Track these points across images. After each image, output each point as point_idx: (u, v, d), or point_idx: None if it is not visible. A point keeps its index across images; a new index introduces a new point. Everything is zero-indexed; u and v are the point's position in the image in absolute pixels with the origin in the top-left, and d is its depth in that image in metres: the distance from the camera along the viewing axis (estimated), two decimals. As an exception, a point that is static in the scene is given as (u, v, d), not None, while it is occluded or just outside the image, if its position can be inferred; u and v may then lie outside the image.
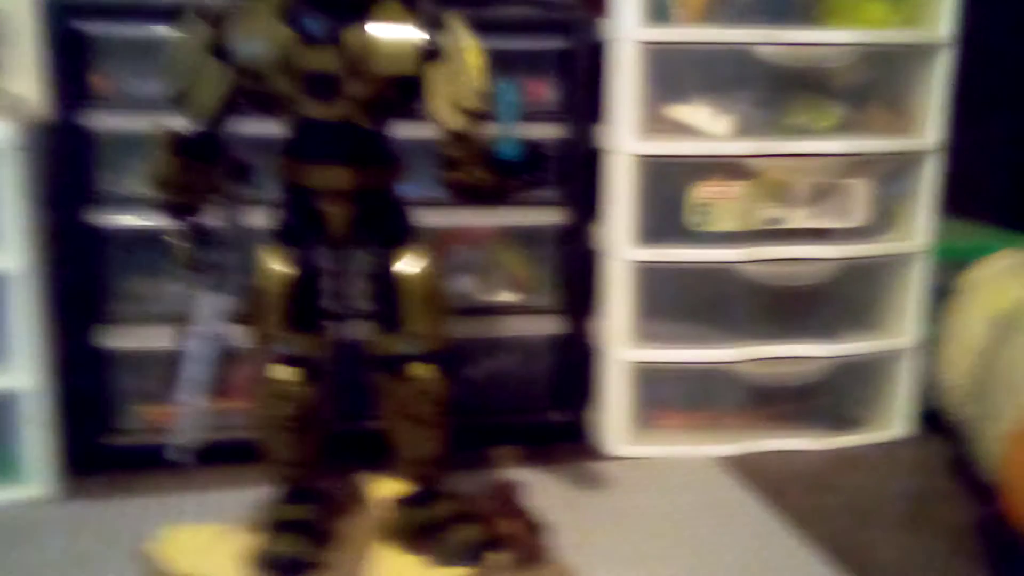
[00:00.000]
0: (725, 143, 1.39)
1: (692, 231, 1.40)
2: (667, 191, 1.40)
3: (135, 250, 1.30)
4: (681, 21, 1.36)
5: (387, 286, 0.92)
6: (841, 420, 1.53)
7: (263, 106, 0.87)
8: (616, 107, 1.36)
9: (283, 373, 0.94)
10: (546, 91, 1.41)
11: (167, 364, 0.92)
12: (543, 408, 1.49)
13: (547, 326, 1.45)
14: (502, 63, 1.35)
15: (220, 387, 0.90)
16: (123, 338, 1.33)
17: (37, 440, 1.28)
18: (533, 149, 0.86)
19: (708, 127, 1.39)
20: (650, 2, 1.33)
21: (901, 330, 1.52)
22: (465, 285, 1.43)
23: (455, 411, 0.98)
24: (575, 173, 1.40)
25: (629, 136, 1.36)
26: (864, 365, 1.52)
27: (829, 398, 1.52)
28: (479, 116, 0.83)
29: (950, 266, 1.57)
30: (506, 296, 1.45)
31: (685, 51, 1.36)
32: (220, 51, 0.80)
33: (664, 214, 1.40)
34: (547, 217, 1.41)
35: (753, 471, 1.41)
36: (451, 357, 0.98)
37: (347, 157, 0.85)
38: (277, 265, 0.90)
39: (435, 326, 0.93)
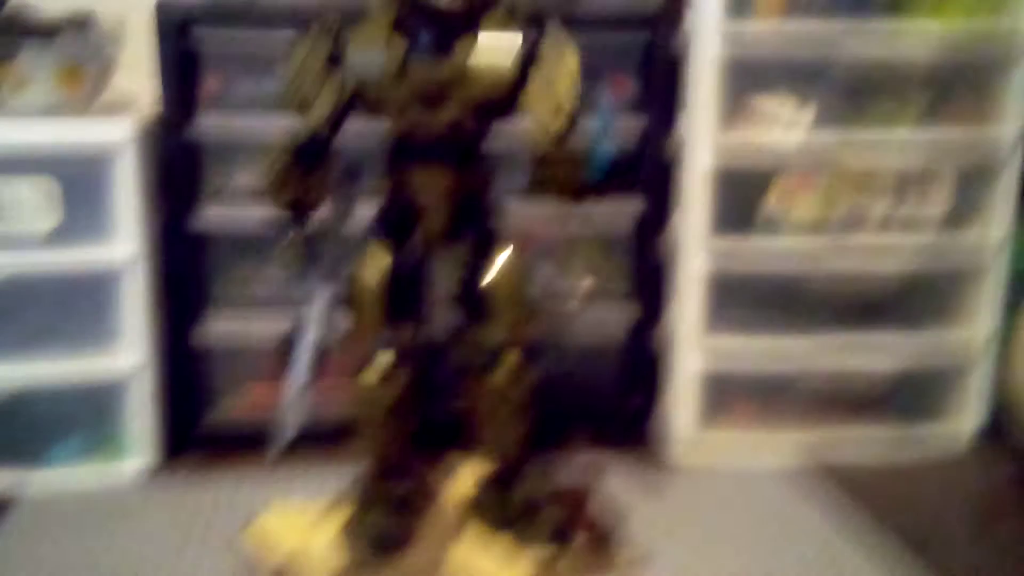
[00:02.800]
0: (806, 134, 1.39)
1: (772, 222, 1.42)
2: (748, 182, 1.41)
3: (241, 244, 1.37)
4: (763, 14, 1.37)
5: (478, 281, 0.98)
6: (913, 416, 1.52)
7: (374, 111, 0.92)
8: (697, 99, 1.38)
9: (380, 359, 1.01)
10: (629, 84, 1.43)
11: (268, 349, 0.99)
12: (612, 405, 1.52)
13: (621, 318, 1.48)
14: (587, 57, 1.39)
15: (323, 371, 0.95)
16: (226, 323, 1.40)
17: (142, 419, 1.36)
18: (622, 157, 1.03)
19: (790, 118, 1.40)
20: (731, -3, 1.34)
21: (979, 326, 1.51)
22: (544, 276, 1.46)
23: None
24: (656, 165, 1.42)
25: (710, 128, 1.37)
26: (938, 365, 1.51)
27: (902, 399, 1.50)
28: (574, 118, 0.88)
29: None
30: (582, 287, 1.48)
31: (767, 44, 1.36)
32: (337, 61, 0.86)
33: (744, 205, 1.42)
34: (626, 208, 1.43)
35: (819, 480, 1.41)
36: (536, 347, 1.03)
37: (449, 160, 0.90)
38: (379, 259, 0.97)
39: (522, 318, 1.00)
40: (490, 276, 0.97)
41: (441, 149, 0.89)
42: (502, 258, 0.97)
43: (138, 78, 1.36)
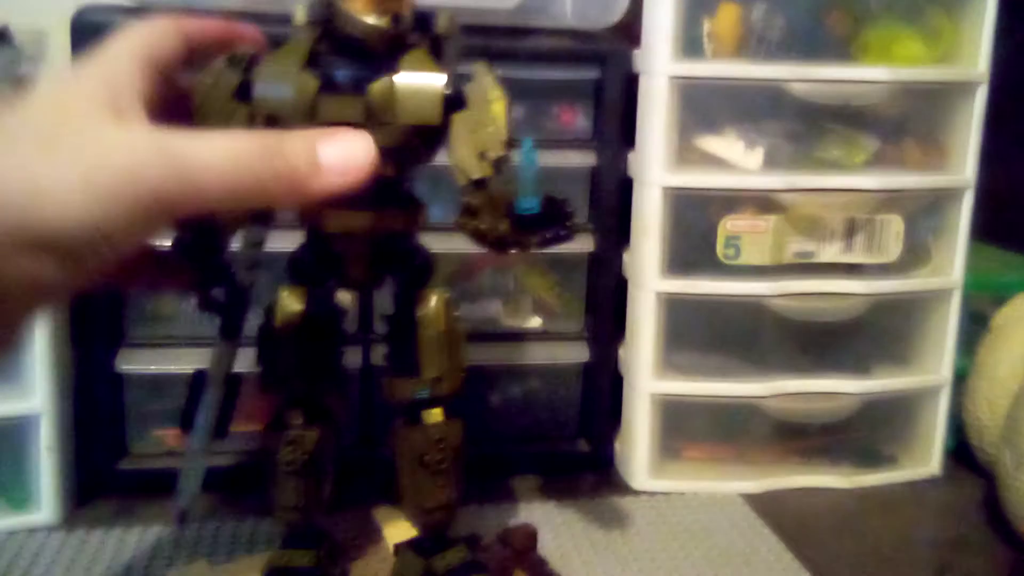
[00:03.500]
0: (756, 176, 1.38)
1: (721, 264, 1.40)
2: (697, 223, 1.40)
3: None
4: (713, 56, 1.37)
5: (404, 329, 0.90)
6: (871, 457, 1.51)
7: None
8: (647, 138, 1.37)
9: (292, 417, 0.92)
10: (577, 119, 1.42)
11: (182, 389, 0.88)
12: (568, 437, 1.49)
13: (574, 353, 1.45)
14: (535, 92, 1.38)
15: (228, 431, 0.83)
16: (138, 361, 1.33)
17: (48, 465, 1.27)
18: (554, 204, 0.83)
19: (739, 160, 1.39)
20: (682, 37, 1.34)
21: (933, 366, 1.50)
22: (492, 310, 1.44)
23: (477, 441, 0.98)
24: (605, 201, 1.41)
25: (659, 167, 1.36)
26: (895, 402, 1.50)
27: (859, 435, 1.50)
28: (501, 165, 0.81)
29: (985, 298, 1.55)
30: (533, 322, 1.46)
31: (717, 85, 1.36)
32: (245, 95, 0.76)
33: (693, 246, 1.40)
34: (577, 244, 1.42)
35: (778, 510, 1.39)
36: (466, 402, 0.95)
37: (368, 202, 0.81)
38: (293, 306, 0.89)
39: (452, 370, 0.91)
40: (419, 324, 0.90)
41: (359, 191, 0.76)
42: (432, 305, 0.90)
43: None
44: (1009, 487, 1.30)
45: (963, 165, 1.45)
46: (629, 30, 1.38)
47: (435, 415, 0.92)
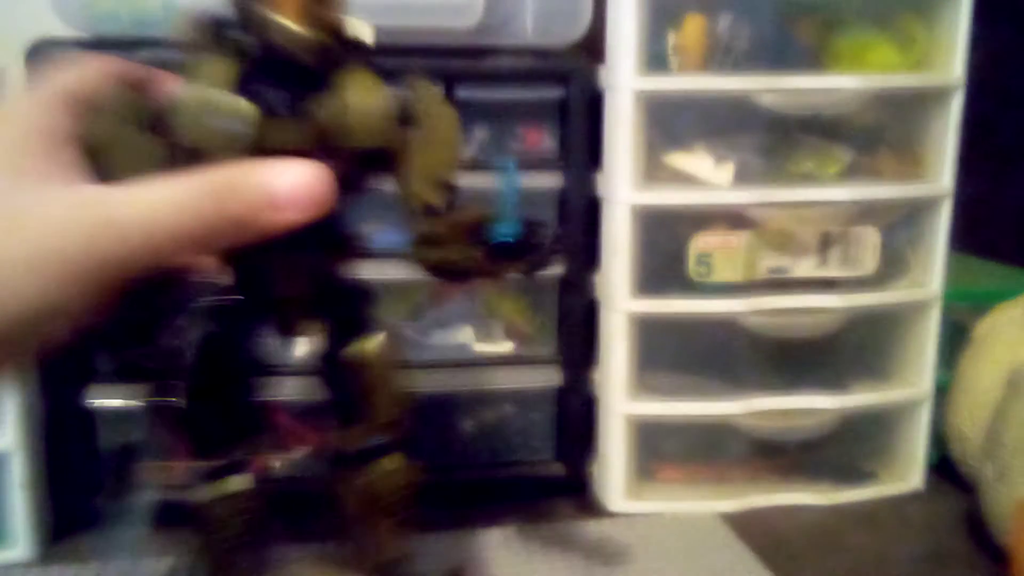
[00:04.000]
0: (726, 192, 1.35)
1: (693, 282, 1.37)
2: (667, 241, 1.37)
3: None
4: (679, 69, 1.33)
5: (343, 375, 0.82)
6: (850, 473, 1.49)
7: None
8: (614, 156, 1.34)
9: (222, 487, 0.82)
10: (543, 139, 1.39)
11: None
12: (542, 461, 1.47)
13: (546, 377, 1.43)
14: (498, 113, 1.35)
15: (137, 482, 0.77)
16: (109, 395, 1.31)
17: (22, 502, 1.26)
18: (534, 229, 0.77)
19: (709, 176, 1.36)
20: (647, 51, 1.30)
21: (912, 380, 1.48)
22: (463, 336, 1.42)
23: (450, 468, 0.95)
24: (573, 222, 1.38)
25: (627, 185, 1.33)
26: (874, 416, 1.47)
27: (837, 451, 1.47)
28: (454, 189, 0.74)
29: (965, 309, 1.52)
30: (504, 347, 1.43)
31: (684, 99, 1.33)
32: (151, 124, 0.65)
33: (664, 264, 1.37)
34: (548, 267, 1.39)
35: (757, 528, 1.37)
36: (438, 429, 0.91)
37: (302, 241, 0.70)
38: (218, 363, 0.78)
39: (397, 414, 0.84)
40: (359, 369, 0.82)
41: (293, 229, 0.69)
42: (373, 347, 0.81)
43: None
44: (991, 499, 1.28)
45: (940, 174, 1.41)
46: (593, 46, 1.34)
47: (395, 461, 0.85)
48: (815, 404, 1.42)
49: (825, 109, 1.35)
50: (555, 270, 1.39)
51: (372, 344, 0.81)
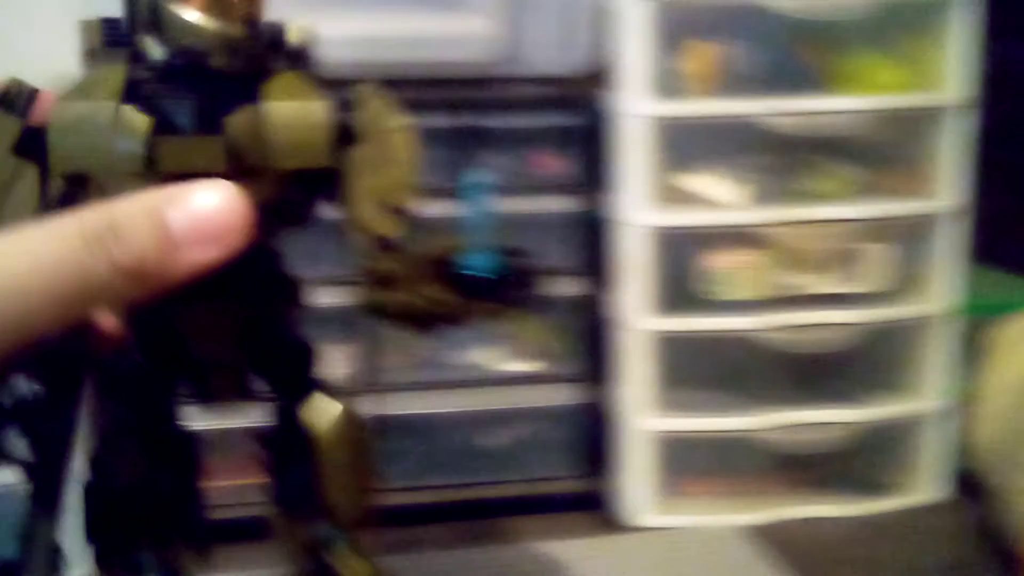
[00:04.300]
0: (738, 212, 1.39)
1: (708, 300, 1.40)
2: (681, 260, 1.41)
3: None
4: (690, 94, 1.37)
5: (291, 449, 0.63)
6: (869, 485, 1.50)
7: None
8: (626, 179, 1.38)
9: None
10: (556, 163, 1.43)
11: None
12: (564, 478, 1.50)
13: (566, 395, 1.46)
14: (512, 140, 1.40)
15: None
16: None
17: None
18: (513, 259, 0.62)
19: (721, 196, 1.40)
20: (658, 76, 1.35)
21: (928, 392, 1.49)
22: (484, 355, 1.46)
23: (473, 485, 0.97)
24: (589, 244, 1.42)
25: (640, 207, 1.37)
26: (891, 429, 1.49)
27: (856, 464, 1.49)
28: (409, 216, 0.60)
29: (982, 320, 1.53)
30: (523, 365, 1.47)
31: (695, 123, 1.37)
32: (31, 149, 0.54)
33: (679, 283, 1.41)
34: (562, 287, 1.43)
35: (779, 541, 1.38)
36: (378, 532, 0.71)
37: (228, 286, 0.54)
38: (129, 454, 0.60)
39: (359, 496, 0.65)
40: (311, 440, 0.63)
41: (216, 273, 0.51)
42: (326, 412, 0.62)
43: None
44: (1013, 510, 1.29)
45: (949, 190, 1.44)
46: (606, 73, 1.39)
47: (345, 559, 0.64)
48: (835, 418, 1.44)
49: (833, 130, 1.39)
50: (572, 290, 1.43)
51: (326, 417, 0.63)
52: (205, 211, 0.45)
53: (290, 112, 0.56)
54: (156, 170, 0.53)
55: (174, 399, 0.62)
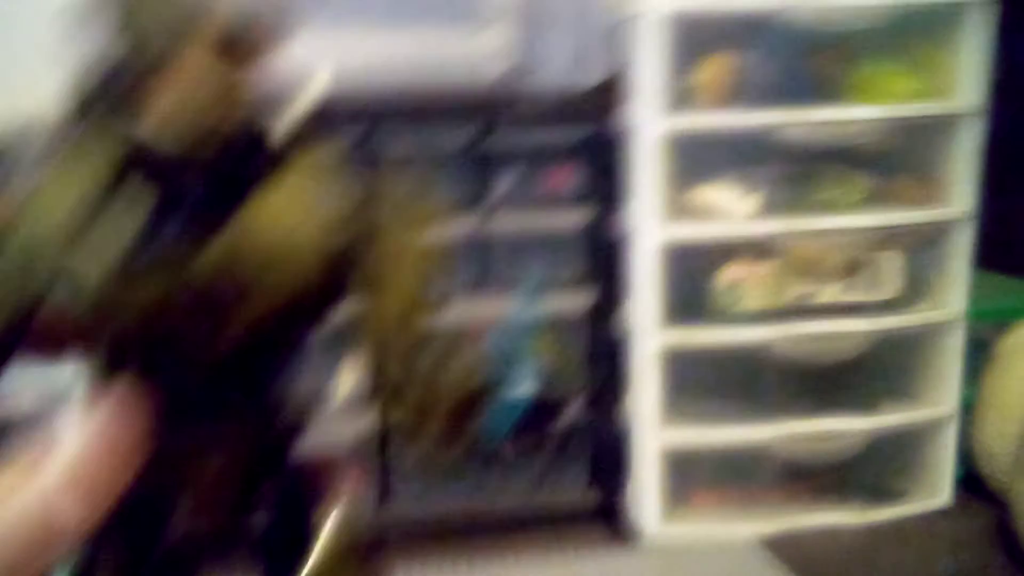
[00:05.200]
0: (751, 223, 1.38)
1: (721, 311, 1.40)
2: (694, 272, 1.40)
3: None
4: (703, 106, 1.36)
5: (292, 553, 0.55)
6: (880, 493, 1.51)
7: (78, 344, 0.45)
8: (640, 192, 1.37)
9: None
10: (570, 177, 1.42)
11: None
12: (577, 490, 1.50)
13: (578, 408, 1.46)
14: (525, 155, 1.38)
15: None
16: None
17: None
18: (543, 402, 0.63)
19: (734, 208, 1.39)
20: (671, 89, 1.33)
21: (939, 399, 1.50)
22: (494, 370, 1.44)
23: (488, 500, 0.94)
24: (602, 258, 1.41)
25: (653, 220, 1.36)
26: (901, 436, 1.50)
27: (867, 471, 1.50)
28: (427, 340, 0.51)
29: (989, 326, 1.54)
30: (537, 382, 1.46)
31: (708, 135, 1.35)
32: None
33: (692, 296, 1.40)
34: (574, 300, 1.42)
35: (792, 550, 1.40)
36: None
37: (224, 413, 0.49)
38: None
39: None
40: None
41: (209, 396, 0.48)
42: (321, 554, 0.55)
43: None
44: (1021, 516, 1.31)
45: (960, 197, 1.43)
46: (618, 86, 1.37)
47: None
48: (845, 426, 1.44)
49: (846, 139, 1.38)
50: (584, 304, 1.42)
51: (321, 547, 0.52)
52: (76, 468, 0.39)
53: (291, 215, 0.44)
54: (140, 289, 0.42)
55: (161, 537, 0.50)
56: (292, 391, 0.52)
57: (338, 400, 0.85)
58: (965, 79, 1.40)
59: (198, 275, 0.42)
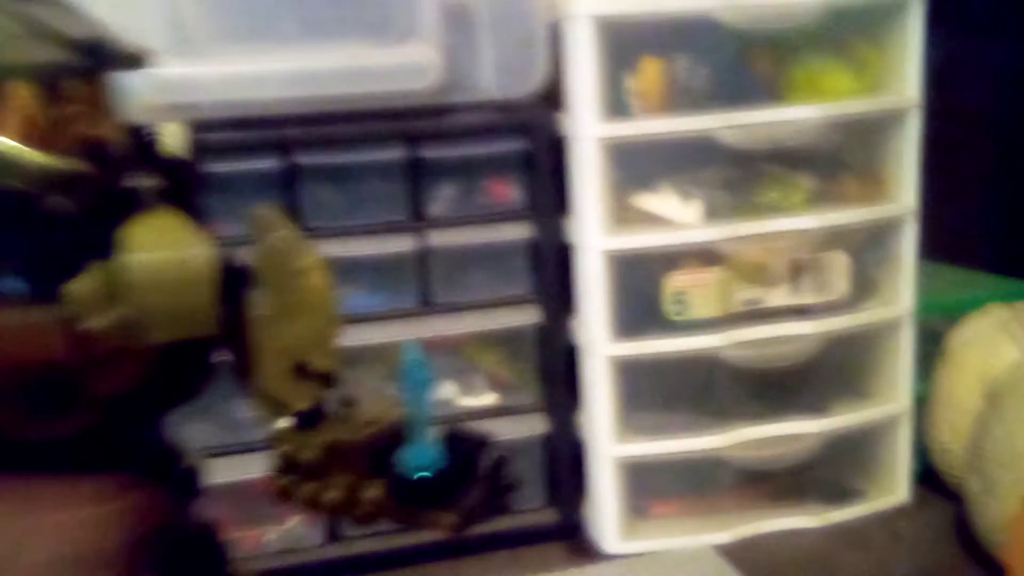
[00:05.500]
0: (695, 230, 1.36)
1: (670, 320, 1.38)
2: (641, 282, 1.38)
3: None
4: (640, 113, 1.34)
5: None
6: (838, 494, 1.50)
7: None
8: (581, 202, 1.35)
9: None
10: (509, 190, 1.39)
11: None
12: (534, 509, 1.47)
13: (532, 425, 1.43)
14: (463, 169, 1.35)
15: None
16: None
17: None
18: (469, 454, 0.50)
19: (676, 215, 1.37)
20: (607, 97, 1.31)
21: (892, 396, 1.50)
22: (446, 392, 1.41)
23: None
24: (547, 270, 1.38)
25: (596, 231, 1.34)
26: (857, 436, 1.49)
27: (824, 472, 1.49)
28: (331, 377, 0.46)
29: (938, 319, 1.54)
30: (488, 399, 1.43)
31: (647, 142, 1.33)
32: None
33: (640, 306, 1.38)
34: (522, 316, 1.40)
35: (753, 557, 1.39)
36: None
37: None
38: None
39: None
40: None
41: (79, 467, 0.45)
42: None
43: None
44: (979, 512, 1.30)
45: (903, 193, 1.43)
46: (553, 96, 1.34)
47: None
48: (799, 429, 1.43)
49: (786, 140, 1.37)
50: (532, 318, 1.39)
51: None
52: None
53: (160, 266, 0.39)
54: None
55: None
56: (183, 455, 0.50)
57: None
58: (900, 75, 1.39)
59: (75, 311, 0.39)
